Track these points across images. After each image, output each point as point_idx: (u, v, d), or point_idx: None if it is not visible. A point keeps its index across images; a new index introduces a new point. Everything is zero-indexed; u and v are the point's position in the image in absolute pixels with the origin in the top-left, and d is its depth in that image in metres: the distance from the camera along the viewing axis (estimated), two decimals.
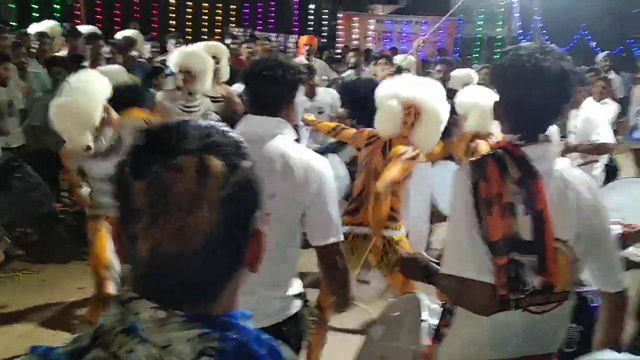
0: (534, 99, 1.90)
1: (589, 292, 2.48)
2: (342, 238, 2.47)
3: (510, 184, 1.84)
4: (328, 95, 6.68)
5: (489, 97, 4.50)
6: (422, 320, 2.35)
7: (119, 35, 8.95)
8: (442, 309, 2.19)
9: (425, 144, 3.94)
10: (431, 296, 2.71)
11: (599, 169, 5.64)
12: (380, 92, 4.03)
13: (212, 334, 0.90)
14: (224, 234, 0.92)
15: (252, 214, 0.98)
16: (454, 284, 1.91)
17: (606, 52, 10.06)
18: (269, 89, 2.45)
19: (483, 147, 4.26)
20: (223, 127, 1.00)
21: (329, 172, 2.46)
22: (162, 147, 0.92)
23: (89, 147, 3.67)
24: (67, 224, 6.48)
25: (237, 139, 0.99)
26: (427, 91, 3.96)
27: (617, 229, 2.68)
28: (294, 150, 2.41)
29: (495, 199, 1.82)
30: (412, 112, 3.87)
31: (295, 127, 2.61)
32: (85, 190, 4.14)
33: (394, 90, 3.96)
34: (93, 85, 3.76)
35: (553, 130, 5.04)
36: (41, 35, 7.25)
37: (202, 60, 5.40)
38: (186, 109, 5.41)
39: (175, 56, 5.57)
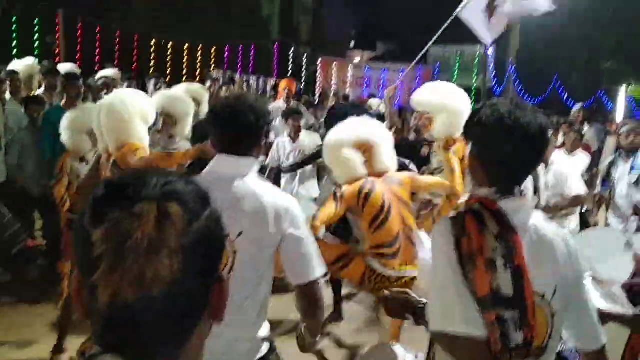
0: (515, 154, 1.92)
1: (568, 350, 2.47)
2: (323, 272, 2.48)
3: (490, 239, 1.85)
4: (309, 139, 6.74)
5: (458, 98, 4.66)
6: None
7: (98, 75, 8.95)
8: None
9: (388, 168, 4.20)
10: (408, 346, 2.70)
11: (574, 221, 5.70)
12: (328, 146, 4.22)
13: None
14: (185, 281, 0.90)
15: (214, 262, 0.98)
16: (445, 341, 1.89)
17: (580, 104, 10.26)
18: (241, 132, 2.46)
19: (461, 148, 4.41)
20: (184, 175, 1.00)
21: (299, 210, 2.48)
22: (122, 195, 0.92)
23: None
24: (39, 264, 6.34)
25: (198, 186, 0.99)
26: (366, 125, 4.22)
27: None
28: (263, 190, 2.43)
29: (478, 253, 1.83)
30: (366, 150, 4.10)
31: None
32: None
33: (341, 138, 4.14)
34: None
35: (528, 182, 5.14)
36: (12, 73, 7.22)
37: (183, 104, 5.40)
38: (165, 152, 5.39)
39: (157, 99, 5.47)
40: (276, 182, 6.93)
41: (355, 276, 4.09)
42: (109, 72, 9.08)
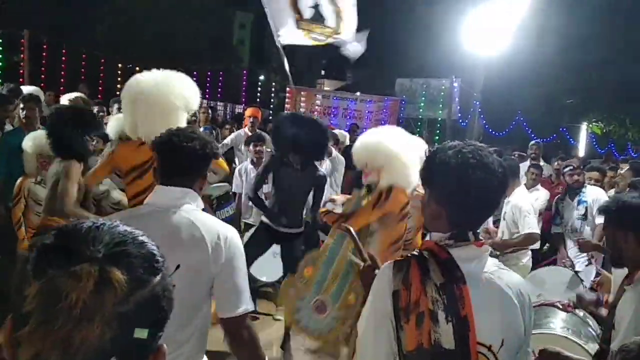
0: (481, 194, 1.89)
1: None
2: (251, 308, 2.41)
3: (430, 291, 1.81)
4: None
5: (409, 147, 4.63)
6: None
7: (65, 97, 8.82)
8: None
9: None
10: None
11: (527, 256, 5.76)
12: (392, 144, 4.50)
13: None
14: (115, 352, 0.86)
15: (153, 333, 0.93)
16: None
17: (535, 141, 10.50)
18: (186, 161, 2.44)
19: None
20: (141, 235, 0.96)
21: (238, 240, 2.44)
22: (68, 250, 0.88)
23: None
24: None
25: (152, 250, 0.94)
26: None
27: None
28: (201, 220, 2.39)
29: (414, 307, 1.80)
30: None
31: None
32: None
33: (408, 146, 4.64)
34: None
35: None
36: None
37: None
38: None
39: (113, 123, 5.31)
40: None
41: None
42: (76, 95, 8.91)
